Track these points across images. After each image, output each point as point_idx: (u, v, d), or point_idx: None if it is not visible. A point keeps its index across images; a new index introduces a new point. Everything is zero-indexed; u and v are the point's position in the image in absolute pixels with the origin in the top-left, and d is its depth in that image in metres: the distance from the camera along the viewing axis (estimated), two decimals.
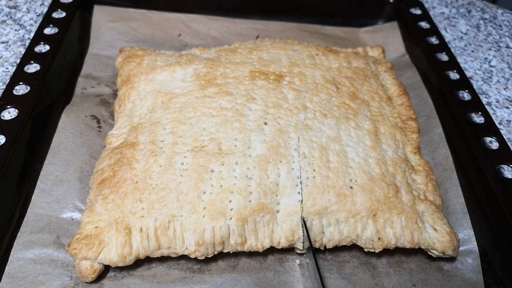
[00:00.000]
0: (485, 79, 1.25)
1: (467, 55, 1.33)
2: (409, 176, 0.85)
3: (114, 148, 0.84)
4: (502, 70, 1.28)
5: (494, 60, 1.32)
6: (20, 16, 1.28)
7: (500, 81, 1.25)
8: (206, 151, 0.81)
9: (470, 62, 1.30)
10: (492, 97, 1.19)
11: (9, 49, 1.17)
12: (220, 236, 0.73)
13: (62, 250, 0.76)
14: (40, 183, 0.84)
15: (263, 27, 1.31)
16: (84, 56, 1.13)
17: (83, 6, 1.21)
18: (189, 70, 0.96)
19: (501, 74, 1.27)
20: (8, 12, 1.29)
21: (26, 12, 1.30)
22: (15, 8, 1.30)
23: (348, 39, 1.32)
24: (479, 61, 1.31)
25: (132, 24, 1.24)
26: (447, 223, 0.80)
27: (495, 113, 1.14)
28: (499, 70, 1.28)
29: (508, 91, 1.21)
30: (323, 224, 0.78)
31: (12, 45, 1.18)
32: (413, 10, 1.31)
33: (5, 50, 1.16)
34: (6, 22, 1.25)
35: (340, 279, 0.79)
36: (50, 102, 0.99)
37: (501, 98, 1.19)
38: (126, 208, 0.74)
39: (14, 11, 1.29)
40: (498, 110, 1.15)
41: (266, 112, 0.88)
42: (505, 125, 1.11)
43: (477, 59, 1.32)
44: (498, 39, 1.41)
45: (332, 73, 1.01)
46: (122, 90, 0.94)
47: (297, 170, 0.81)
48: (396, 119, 0.95)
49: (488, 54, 1.35)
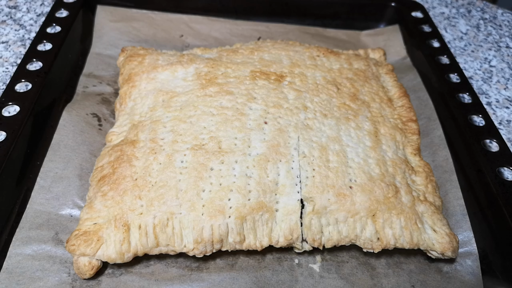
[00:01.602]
0: (485, 79, 1.25)
1: (467, 55, 1.33)
2: (409, 177, 0.85)
3: (114, 145, 0.84)
4: (502, 70, 1.29)
5: (494, 60, 1.32)
6: (20, 16, 1.29)
7: (500, 81, 1.25)
8: (206, 150, 0.81)
9: (470, 62, 1.31)
10: (492, 97, 1.19)
11: (9, 49, 1.18)
12: (218, 234, 0.73)
13: (61, 246, 0.76)
14: (40, 179, 0.84)
15: (264, 28, 1.31)
16: (86, 55, 1.14)
17: (86, 6, 1.22)
18: (190, 69, 0.96)
19: (501, 74, 1.27)
20: (8, 12, 1.30)
21: (26, 12, 1.30)
22: (15, 8, 1.31)
23: (350, 42, 1.32)
24: (479, 61, 1.32)
25: (135, 24, 1.24)
26: (446, 224, 0.79)
27: (495, 113, 1.14)
28: (499, 70, 1.28)
29: (508, 91, 1.21)
30: (322, 223, 0.78)
31: (12, 45, 1.19)
32: (414, 14, 1.32)
33: (5, 50, 1.17)
34: (6, 22, 1.25)
35: (339, 279, 0.78)
36: (51, 100, 0.99)
37: (501, 98, 1.19)
38: (125, 205, 0.74)
39: (14, 11, 1.30)
40: (498, 110, 1.15)
41: (266, 112, 0.89)
42: (505, 125, 1.11)
43: (477, 59, 1.32)
44: (498, 39, 1.41)
45: (333, 74, 1.01)
46: (124, 88, 0.95)
47: (296, 170, 0.81)
48: (397, 120, 0.95)
49: (488, 54, 1.35)
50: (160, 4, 1.29)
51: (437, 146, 0.98)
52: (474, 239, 0.83)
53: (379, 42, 1.31)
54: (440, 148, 0.98)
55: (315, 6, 1.35)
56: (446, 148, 0.97)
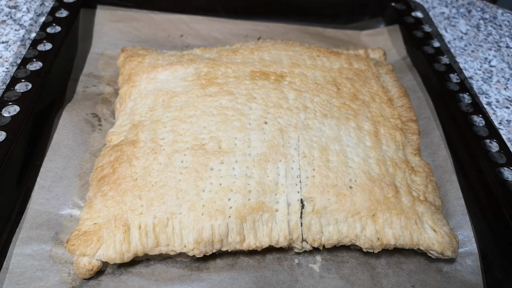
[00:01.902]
0: (485, 79, 1.25)
1: (467, 55, 1.33)
2: (409, 177, 0.85)
3: (114, 145, 0.84)
4: (502, 70, 1.29)
5: (494, 60, 1.33)
6: (20, 16, 1.29)
7: (500, 81, 1.25)
8: (206, 150, 0.81)
9: (470, 62, 1.31)
10: (492, 97, 1.19)
11: (9, 49, 1.17)
12: (218, 234, 0.73)
13: (61, 246, 0.76)
14: (40, 179, 0.84)
15: (264, 28, 1.31)
16: (86, 55, 1.13)
17: (86, 6, 1.21)
18: (190, 69, 0.96)
19: (501, 74, 1.27)
20: (8, 12, 1.30)
21: (26, 12, 1.30)
22: (15, 8, 1.31)
23: (350, 42, 1.32)
24: (479, 61, 1.32)
25: (135, 24, 1.24)
26: (446, 224, 0.79)
27: (495, 113, 1.14)
28: (499, 70, 1.28)
29: (508, 91, 1.21)
30: (322, 223, 0.78)
31: (12, 45, 1.19)
32: (414, 14, 1.32)
33: (5, 50, 1.17)
34: (6, 22, 1.25)
35: (339, 279, 0.78)
36: (51, 100, 0.99)
37: (501, 98, 1.19)
38: (125, 205, 0.74)
39: (14, 11, 1.30)
40: (498, 110, 1.15)
41: (266, 112, 0.89)
42: (505, 125, 1.11)
43: (477, 59, 1.32)
44: (498, 39, 1.41)
45: (333, 74, 1.01)
46: (124, 88, 0.95)
47: (296, 170, 0.81)
48: (397, 120, 0.95)
49: (488, 54, 1.35)
50: (160, 4, 1.29)
51: (437, 146, 0.98)
52: (474, 239, 0.83)
53: (379, 42, 1.31)
54: (440, 148, 0.98)
55: (315, 6, 1.35)
56: (446, 148, 0.97)
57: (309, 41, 1.29)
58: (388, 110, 0.96)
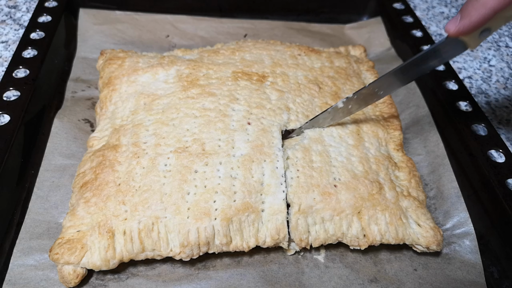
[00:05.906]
0: (485, 78, 1.25)
1: (467, 55, 1.33)
2: (392, 173, 0.85)
3: (96, 150, 0.83)
4: (502, 69, 1.29)
5: (493, 59, 1.33)
6: (20, 16, 1.28)
7: (500, 80, 1.25)
8: (189, 152, 0.80)
9: (469, 62, 1.31)
10: (491, 96, 1.19)
11: (8, 48, 1.17)
12: (205, 237, 0.73)
13: None
14: (37, 189, 0.84)
15: (250, 26, 1.31)
16: (72, 60, 1.13)
17: (68, 10, 1.20)
18: (171, 71, 0.96)
19: (501, 74, 1.27)
20: (8, 12, 1.29)
21: (26, 12, 1.30)
22: (14, 8, 1.31)
23: (334, 36, 1.32)
24: (478, 60, 1.32)
25: (119, 26, 1.23)
26: (430, 218, 0.80)
27: (494, 113, 1.14)
28: (499, 70, 1.29)
29: (507, 90, 1.22)
30: (308, 223, 0.78)
31: (12, 45, 1.18)
32: (396, 5, 1.31)
33: (5, 50, 1.17)
34: (5, 22, 1.25)
35: (344, 268, 0.80)
36: (41, 107, 0.98)
37: (501, 98, 1.19)
38: (108, 211, 0.74)
39: (14, 11, 1.30)
40: (497, 110, 1.15)
41: (249, 112, 0.88)
42: (504, 124, 1.11)
43: (476, 59, 1.32)
44: (497, 39, 1.41)
45: (315, 73, 1.01)
46: (104, 92, 0.94)
47: (281, 169, 0.81)
48: (379, 117, 0.95)
49: (487, 53, 1.35)
50: (143, 5, 1.28)
51: (427, 132, 1.00)
52: (470, 220, 0.85)
53: (363, 35, 1.31)
54: (431, 134, 0.99)
55: (298, 2, 1.35)
56: (436, 134, 0.99)
57: (295, 36, 1.29)
58: (370, 107, 0.96)
